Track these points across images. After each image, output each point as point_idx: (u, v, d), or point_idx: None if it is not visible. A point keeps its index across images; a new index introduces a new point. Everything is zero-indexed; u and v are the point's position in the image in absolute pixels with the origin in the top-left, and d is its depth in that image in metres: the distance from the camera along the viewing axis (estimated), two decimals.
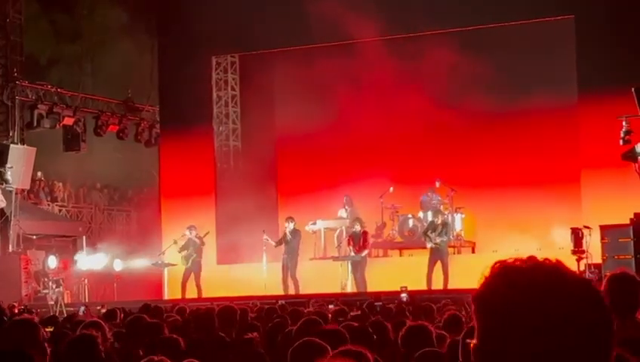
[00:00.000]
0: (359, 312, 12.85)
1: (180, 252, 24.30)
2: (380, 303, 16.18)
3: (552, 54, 24.55)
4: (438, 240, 22.51)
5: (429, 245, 22.64)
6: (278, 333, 8.18)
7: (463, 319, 9.48)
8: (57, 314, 21.66)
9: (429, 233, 22.78)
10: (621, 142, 20.21)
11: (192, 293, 24.22)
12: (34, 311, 18.42)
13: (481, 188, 25.40)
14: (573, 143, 23.70)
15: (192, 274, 24.24)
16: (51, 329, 11.69)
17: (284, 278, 23.48)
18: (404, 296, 18.10)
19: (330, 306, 18.15)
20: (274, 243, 23.79)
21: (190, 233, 24.32)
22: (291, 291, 23.25)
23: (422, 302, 13.50)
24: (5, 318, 6.32)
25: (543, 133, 24.79)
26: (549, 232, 23.23)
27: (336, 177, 26.53)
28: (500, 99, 25.02)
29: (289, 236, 23.49)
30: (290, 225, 23.70)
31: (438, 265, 22.47)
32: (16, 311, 16.91)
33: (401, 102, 25.85)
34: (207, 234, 24.60)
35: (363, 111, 26.17)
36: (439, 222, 22.88)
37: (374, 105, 26.28)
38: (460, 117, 25.40)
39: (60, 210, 30.23)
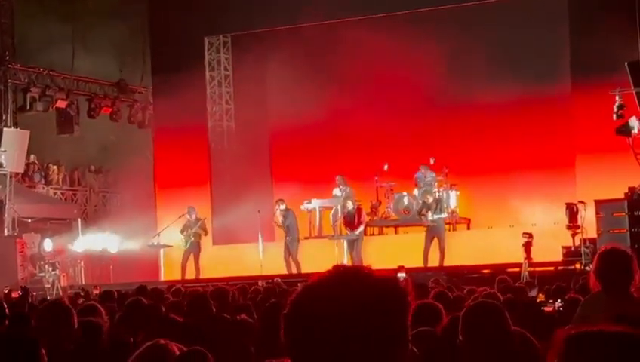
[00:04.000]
0: None
1: (181, 233, 24.22)
2: None
3: (544, 34, 24.49)
4: (434, 217, 22.52)
5: (425, 223, 22.66)
6: (274, 314, 8.17)
7: (451, 296, 9.58)
8: (54, 297, 21.78)
9: (422, 212, 22.79)
10: (614, 116, 20.23)
11: (190, 274, 24.22)
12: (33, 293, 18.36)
13: (475, 169, 25.45)
14: (567, 128, 23.64)
15: (192, 255, 24.22)
16: None
17: (285, 258, 23.56)
18: (401, 275, 18.07)
19: None
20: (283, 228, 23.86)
21: (190, 215, 24.28)
22: (294, 271, 23.28)
23: (418, 281, 13.46)
24: (5, 309, 6.31)
25: (537, 118, 24.78)
26: (544, 208, 23.24)
27: (331, 156, 26.55)
28: (493, 84, 25.00)
29: (280, 218, 23.52)
30: (282, 206, 23.72)
31: (435, 242, 22.49)
32: (16, 295, 16.85)
33: (397, 84, 25.87)
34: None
35: (357, 90, 26.14)
36: (431, 200, 22.88)
37: (369, 85, 26.26)
38: (455, 102, 25.47)
39: (54, 193, 30.19)
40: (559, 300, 7.35)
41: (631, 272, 5.78)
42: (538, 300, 9.20)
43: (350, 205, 23.27)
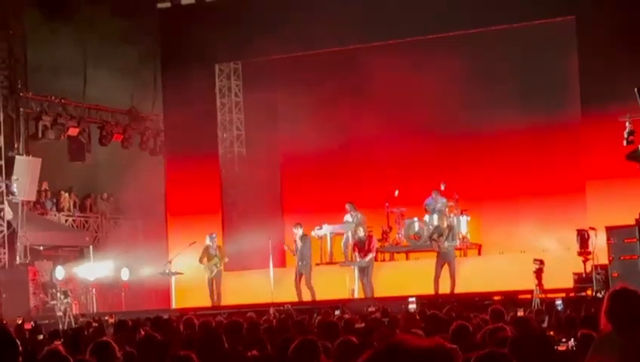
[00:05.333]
0: (363, 324, 12.82)
1: (208, 261, 24.09)
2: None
3: (554, 61, 24.56)
4: (446, 244, 22.52)
5: (436, 249, 22.66)
6: (287, 350, 8.21)
7: (471, 329, 9.44)
8: (65, 325, 21.85)
9: (434, 237, 22.79)
10: (625, 142, 20.24)
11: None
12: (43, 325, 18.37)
13: (486, 195, 25.51)
14: (578, 154, 23.63)
15: (214, 281, 24.16)
16: (60, 342, 11.76)
17: (296, 285, 23.47)
18: (412, 307, 18.01)
19: (337, 312, 18.25)
20: (293, 253, 23.79)
21: (212, 241, 24.24)
22: (307, 298, 23.22)
23: (430, 311, 13.44)
24: (17, 342, 6.33)
25: (547, 144, 24.84)
26: (555, 234, 23.23)
27: (342, 182, 26.62)
28: (503, 110, 25.10)
29: (299, 243, 23.49)
30: (299, 231, 23.70)
31: (445, 268, 22.48)
32: (29, 326, 16.90)
33: (407, 111, 26.00)
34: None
35: (367, 117, 26.21)
36: (445, 226, 22.91)
37: (380, 111, 26.30)
38: (466, 128, 25.57)
39: (66, 220, 30.27)
40: (572, 339, 7.36)
41: None
42: (548, 332, 9.20)
43: (361, 232, 23.31)
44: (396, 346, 2.53)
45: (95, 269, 26.44)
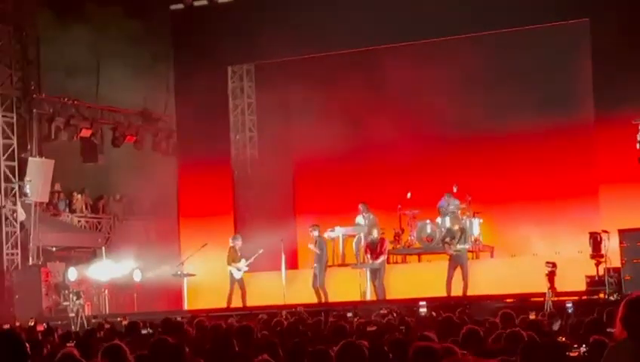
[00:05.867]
0: (375, 328, 12.80)
1: (229, 264, 24.03)
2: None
3: (567, 64, 24.50)
4: (458, 247, 22.48)
5: (448, 252, 22.63)
6: (299, 353, 8.22)
7: (482, 333, 9.42)
8: (78, 326, 21.91)
9: (447, 240, 22.76)
10: (638, 145, 20.19)
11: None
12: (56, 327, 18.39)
13: (498, 197, 25.48)
14: (591, 157, 23.55)
15: (237, 283, 24.13)
16: (73, 345, 11.77)
17: (314, 286, 23.48)
18: (422, 311, 17.97)
19: (349, 314, 18.24)
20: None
21: (235, 242, 24.21)
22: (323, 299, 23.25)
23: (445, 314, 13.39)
24: (27, 348, 6.31)
25: (560, 147, 24.81)
26: (568, 236, 23.18)
27: (354, 183, 26.62)
28: (516, 113, 25.05)
29: (315, 244, 23.51)
30: (315, 233, 23.70)
31: (458, 271, 22.44)
32: (41, 328, 16.93)
33: (420, 113, 26.00)
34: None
35: (380, 119, 26.18)
36: (457, 228, 22.87)
37: (392, 113, 26.29)
38: (478, 130, 25.55)
39: (78, 221, 30.33)
40: (584, 345, 7.34)
41: None
42: (560, 337, 9.17)
43: (375, 233, 23.29)
44: None
45: (107, 270, 26.47)
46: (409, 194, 24.90)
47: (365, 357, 7.21)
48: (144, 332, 14.02)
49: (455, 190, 24.69)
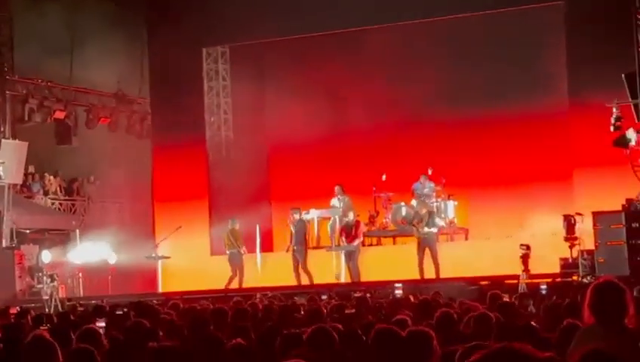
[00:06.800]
0: (354, 310, 12.82)
1: (236, 247, 23.96)
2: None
3: (541, 48, 24.54)
4: (425, 230, 22.50)
5: (416, 235, 22.68)
6: (272, 337, 8.19)
7: (455, 316, 9.41)
8: (52, 309, 21.79)
9: (414, 223, 22.78)
10: (612, 128, 20.26)
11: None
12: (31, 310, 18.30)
13: (473, 180, 25.56)
14: (565, 141, 23.65)
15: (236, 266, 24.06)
16: (46, 328, 11.72)
17: (294, 268, 23.44)
18: (398, 292, 18.03)
19: (324, 297, 18.25)
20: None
21: (233, 225, 24.09)
22: (305, 281, 23.21)
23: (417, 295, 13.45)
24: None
25: (535, 130, 24.88)
26: (542, 219, 23.26)
27: (329, 166, 26.61)
28: (491, 97, 25.13)
29: (295, 227, 23.49)
30: (297, 215, 23.66)
31: (428, 254, 22.43)
32: (14, 311, 16.82)
33: (395, 96, 25.99)
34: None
35: (356, 101, 26.19)
36: (425, 212, 22.85)
37: (367, 96, 26.31)
38: (453, 114, 25.57)
39: (52, 203, 30.18)
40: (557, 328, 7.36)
41: (624, 305, 5.78)
42: (533, 321, 9.18)
43: (351, 216, 23.28)
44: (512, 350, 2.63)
45: (82, 253, 26.37)
46: (384, 177, 24.92)
47: (335, 341, 7.21)
48: (119, 312, 14.02)
49: (430, 172, 24.75)
